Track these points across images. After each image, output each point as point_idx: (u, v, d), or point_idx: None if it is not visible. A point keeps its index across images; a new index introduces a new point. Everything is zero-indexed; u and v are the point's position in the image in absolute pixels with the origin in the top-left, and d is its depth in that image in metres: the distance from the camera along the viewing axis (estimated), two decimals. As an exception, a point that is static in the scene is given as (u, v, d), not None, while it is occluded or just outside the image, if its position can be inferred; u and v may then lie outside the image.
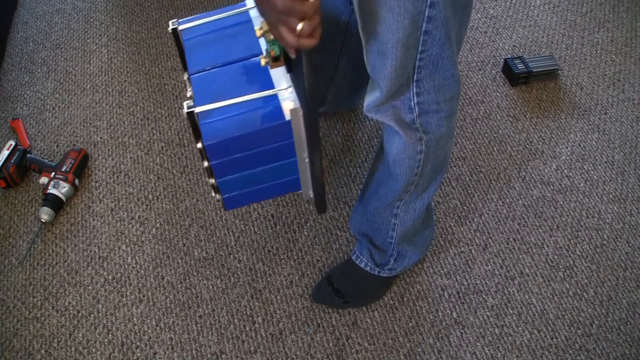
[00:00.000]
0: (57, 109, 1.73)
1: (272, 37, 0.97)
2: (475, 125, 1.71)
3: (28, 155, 1.57)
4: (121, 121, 1.70)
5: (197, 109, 1.02)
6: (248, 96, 1.04)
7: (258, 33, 0.97)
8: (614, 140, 1.69)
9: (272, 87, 1.06)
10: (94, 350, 1.30)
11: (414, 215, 1.23)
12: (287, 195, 1.55)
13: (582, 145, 1.68)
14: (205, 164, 1.07)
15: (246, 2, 1.25)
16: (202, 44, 1.17)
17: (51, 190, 1.49)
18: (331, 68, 1.50)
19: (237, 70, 1.11)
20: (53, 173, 1.52)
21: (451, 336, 1.34)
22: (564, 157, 1.65)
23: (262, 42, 1.13)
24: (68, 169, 1.52)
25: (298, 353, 1.31)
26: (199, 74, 1.11)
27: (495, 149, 1.66)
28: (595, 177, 1.61)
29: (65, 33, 1.94)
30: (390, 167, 1.16)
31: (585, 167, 1.63)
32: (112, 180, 1.57)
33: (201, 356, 1.30)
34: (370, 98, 1.04)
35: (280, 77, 1.08)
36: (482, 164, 1.63)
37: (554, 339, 1.34)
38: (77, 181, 1.53)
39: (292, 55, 0.85)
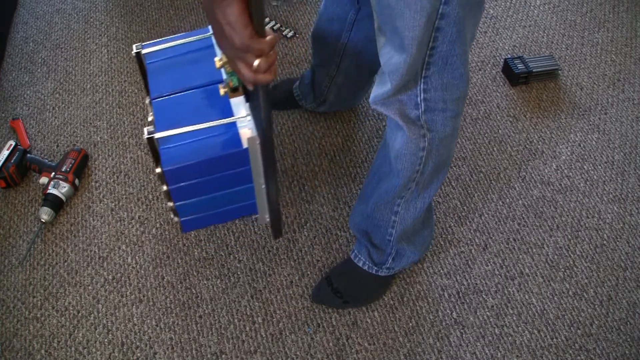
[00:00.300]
0: (57, 109, 1.73)
1: (230, 68, 0.99)
2: (475, 125, 1.71)
3: (28, 155, 1.57)
4: (121, 121, 1.70)
5: (157, 135, 1.05)
6: (207, 123, 1.07)
7: (217, 64, 1.00)
8: (614, 140, 1.69)
9: (231, 114, 1.09)
10: (94, 350, 1.30)
11: (414, 214, 1.23)
12: (287, 195, 1.55)
13: (582, 145, 1.68)
14: (164, 187, 1.09)
15: (209, 28, 1.25)
16: (164, 69, 1.19)
17: (51, 190, 1.49)
18: (333, 67, 1.50)
19: (197, 97, 1.14)
20: (53, 173, 1.52)
21: (451, 336, 1.34)
22: (564, 157, 1.65)
23: (223, 72, 1.15)
24: (68, 169, 1.52)
25: (298, 353, 1.31)
26: (161, 99, 1.14)
27: (495, 149, 1.66)
28: (595, 177, 1.61)
29: (65, 33, 1.94)
30: (392, 161, 1.16)
31: (585, 167, 1.63)
32: (112, 180, 1.57)
33: (201, 356, 1.30)
34: (378, 91, 1.04)
35: (239, 105, 1.11)
36: (482, 164, 1.63)
37: (554, 339, 1.34)
38: (77, 181, 1.53)
39: (250, 88, 0.88)
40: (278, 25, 1.94)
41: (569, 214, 1.54)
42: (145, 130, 1.05)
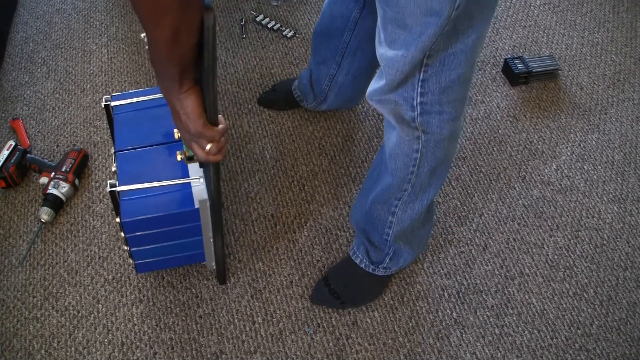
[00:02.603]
0: (57, 109, 1.73)
1: None
2: (475, 125, 1.71)
3: (28, 155, 1.57)
4: (121, 121, 1.70)
5: (119, 188, 1.16)
6: (165, 182, 1.19)
7: (176, 135, 1.18)
8: (614, 140, 1.69)
9: (187, 174, 1.21)
10: (94, 350, 1.30)
11: (411, 216, 1.23)
12: (287, 195, 1.55)
13: (582, 145, 1.68)
14: (122, 234, 1.20)
15: None
16: (130, 122, 1.30)
17: (51, 190, 1.49)
18: (334, 66, 1.50)
19: (158, 153, 1.25)
20: (53, 173, 1.52)
21: (451, 336, 1.34)
22: (564, 157, 1.65)
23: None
24: (68, 169, 1.52)
25: (298, 353, 1.31)
26: (124, 151, 1.25)
27: (495, 149, 1.66)
28: (595, 177, 1.61)
29: (65, 33, 1.94)
30: (387, 160, 1.16)
31: (585, 167, 1.63)
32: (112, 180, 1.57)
33: (201, 356, 1.30)
34: (375, 85, 1.05)
35: (194, 167, 1.23)
36: (482, 164, 1.63)
37: (554, 339, 1.34)
38: (77, 181, 1.53)
39: (202, 162, 0.99)
40: (278, 25, 1.94)
41: (569, 214, 1.54)
42: (109, 183, 1.16)
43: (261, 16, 1.96)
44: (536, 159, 1.64)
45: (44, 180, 1.52)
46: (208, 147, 0.89)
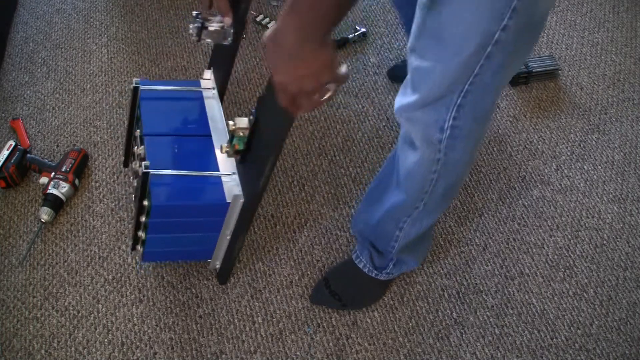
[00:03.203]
0: (57, 109, 1.73)
1: (241, 134, 1.13)
2: (475, 125, 1.71)
3: (28, 155, 1.57)
4: (121, 121, 1.70)
5: (153, 171, 1.13)
6: (196, 172, 1.18)
7: (232, 127, 1.13)
8: (614, 140, 1.69)
9: (216, 168, 1.21)
10: (94, 350, 1.31)
11: (418, 230, 1.21)
12: (287, 195, 1.55)
13: (582, 145, 1.68)
14: (143, 218, 1.17)
15: (201, 82, 1.40)
16: (158, 109, 1.29)
17: (51, 190, 1.49)
18: None
19: (187, 144, 1.25)
20: (53, 173, 1.52)
21: (451, 336, 1.34)
22: (564, 157, 1.65)
23: (210, 129, 1.28)
24: (68, 169, 1.52)
25: (298, 353, 1.31)
26: (153, 136, 1.24)
27: (495, 149, 1.66)
28: (595, 177, 1.61)
29: (65, 33, 1.94)
30: (401, 179, 1.13)
31: (585, 167, 1.63)
32: (112, 180, 1.57)
33: (201, 356, 1.30)
34: (404, 100, 0.99)
35: (225, 162, 1.22)
36: (482, 164, 1.63)
37: (554, 339, 1.34)
38: (77, 181, 1.53)
39: (294, 114, 0.92)
40: (278, 25, 1.94)
41: (569, 214, 1.54)
42: (143, 164, 1.12)
43: (261, 16, 1.96)
44: (536, 159, 1.64)
45: (44, 180, 1.52)
46: (332, 90, 0.84)
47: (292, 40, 0.77)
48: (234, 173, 1.20)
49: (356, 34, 1.87)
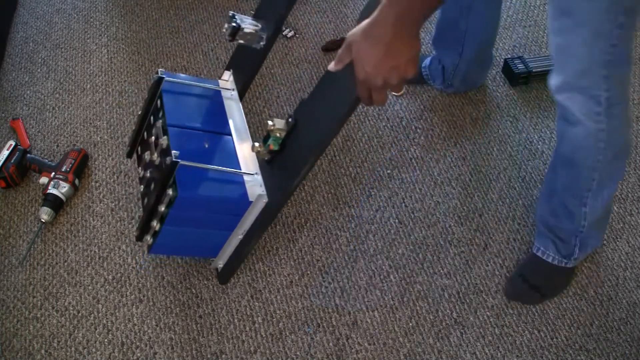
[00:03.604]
0: (57, 109, 1.73)
1: (278, 134, 1.16)
2: (475, 125, 1.71)
3: (28, 155, 1.57)
4: (121, 121, 1.70)
5: (182, 162, 1.12)
6: (220, 167, 1.18)
7: (270, 127, 1.15)
8: (614, 140, 1.69)
9: (238, 166, 1.21)
10: (94, 350, 1.31)
11: (603, 202, 1.26)
12: (287, 195, 1.55)
13: (582, 145, 1.68)
14: (162, 208, 1.15)
15: (219, 82, 1.41)
16: (181, 102, 1.30)
17: (51, 190, 1.49)
18: (456, 56, 1.56)
19: (211, 140, 1.25)
20: (53, 173, 1.52)
21: (451, 336, 1.34)
22: (564, 157, 1.65)
23: (230, 126, 1.29)
24: (68, 169, 1.52)
25: (298, 353, 1.31)
26: (177, 128, 1.23)
27: (495, 149, 1.66)
28: (595, 177, 1.61)
29: (65, 33, 1.94)
30: (569, 155, 1.20)
31: (585, 167, 1.63)
32: (112, 180, 1.57)
33: (201, 356, 1.30)
34: (556, 81, 1.08)
35: (247, 161, 1.23)
36: (482, 164, 1.63)
37: (554, 339, 1.34)
38: (77, 181, 1.53)
39: (369, 104, 0.95)
40: (278, 25, 1.94)
41: (569, 214, 1.54)
42: (173, 153, 1.11)
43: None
44: (536, 159, 1.65)
45: (44, 180, 1.52)
46: (404, 89, 0.91)
47: (391, 32, 0.81)
48: (256, 173, 1.21)
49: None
